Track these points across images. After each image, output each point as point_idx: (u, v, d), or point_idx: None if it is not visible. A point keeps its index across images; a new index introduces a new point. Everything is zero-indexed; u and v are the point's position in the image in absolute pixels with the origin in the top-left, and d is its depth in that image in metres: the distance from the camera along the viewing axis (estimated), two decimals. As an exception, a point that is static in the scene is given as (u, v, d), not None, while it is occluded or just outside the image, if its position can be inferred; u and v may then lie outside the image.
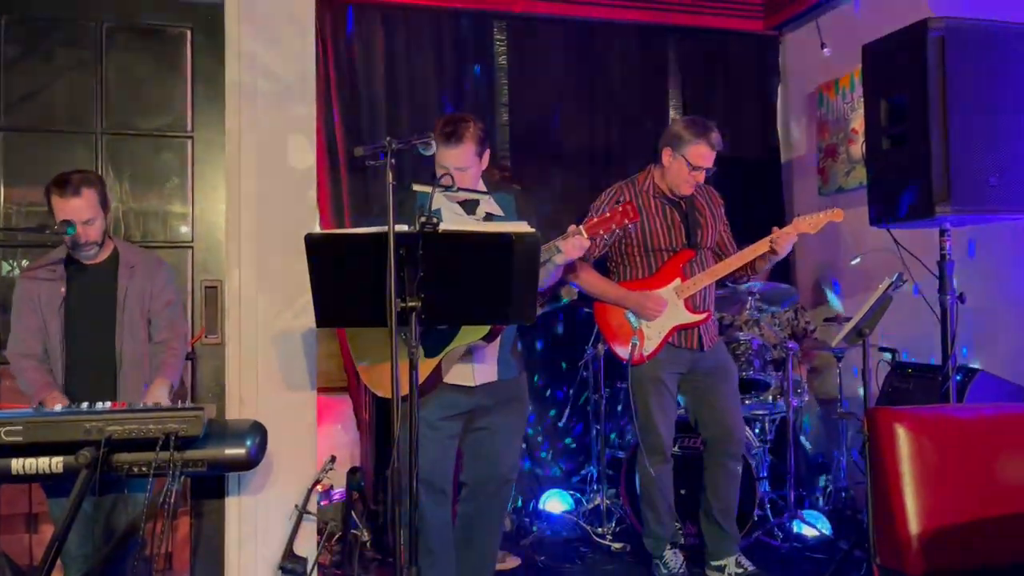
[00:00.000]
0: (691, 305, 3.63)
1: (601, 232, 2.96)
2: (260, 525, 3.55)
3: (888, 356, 4.24)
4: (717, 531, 3.72)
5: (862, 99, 3.66)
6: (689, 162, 3.53)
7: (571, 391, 4.83)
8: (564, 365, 5.00)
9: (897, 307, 3.65)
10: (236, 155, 3.58)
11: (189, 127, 3.64)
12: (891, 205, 3.43)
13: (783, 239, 3.49)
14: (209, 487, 3.53)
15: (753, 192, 5.28)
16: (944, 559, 2.11)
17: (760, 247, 3.56)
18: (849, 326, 3.57)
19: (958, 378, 3.50)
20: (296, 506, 3.55)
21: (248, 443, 2.78)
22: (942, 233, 3.42)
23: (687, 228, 3.66)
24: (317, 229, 3.34)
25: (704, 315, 3.65)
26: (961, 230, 3.77)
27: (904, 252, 3.51)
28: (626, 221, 2.95)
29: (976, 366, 3.76)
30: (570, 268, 3.49)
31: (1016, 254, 3.96)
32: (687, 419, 3.86)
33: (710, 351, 3.69)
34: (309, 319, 3.61)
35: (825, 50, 5.08)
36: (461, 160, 2.93)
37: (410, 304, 2.40)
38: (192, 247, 3.66)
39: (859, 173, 4.79)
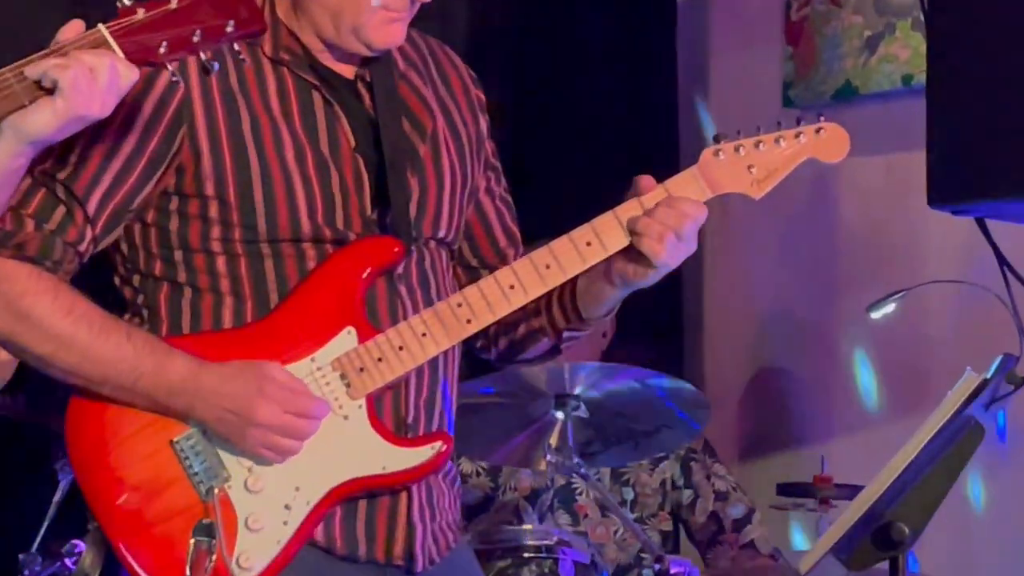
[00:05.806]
0: (392, 416, 1.66)
1: (143, 47, 1.37)
2: None
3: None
4: None
5: None
6: None
7: None
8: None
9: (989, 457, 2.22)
10: None
11: None
12: (987, 149, 1.87)
13: (678, 211, 1.59)
14: None
15: (592, 81, 3.12)
16: None
17: (611, 235, 1.62)
18: (853, 513, 1.56)
19: None
20: None
21: None
22: None
23: (379, 165, 1.73)
24: None
25: (431, 448, 1.72)
26: None
27: (1018, 285, 1.95)
28: (229, 29, 1.42)
29: None
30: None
31: None
32: None
33: (435, 572, 1.68)
34: None
35: None
36: None
37: None
38: None
39: (901, 52, 2.95)
